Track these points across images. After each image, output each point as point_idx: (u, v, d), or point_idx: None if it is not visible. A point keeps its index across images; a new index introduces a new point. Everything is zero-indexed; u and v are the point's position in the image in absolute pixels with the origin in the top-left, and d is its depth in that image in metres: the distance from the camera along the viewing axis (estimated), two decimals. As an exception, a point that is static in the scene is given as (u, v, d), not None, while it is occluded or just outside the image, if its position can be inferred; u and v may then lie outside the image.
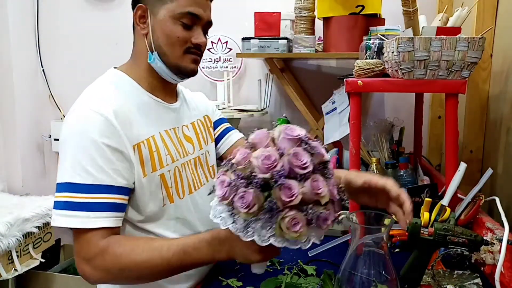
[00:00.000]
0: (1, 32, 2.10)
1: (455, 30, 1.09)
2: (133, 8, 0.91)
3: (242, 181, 0.62)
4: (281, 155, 0.63)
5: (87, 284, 0.95)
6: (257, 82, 1.89)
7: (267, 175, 0.60)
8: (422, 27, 1.12)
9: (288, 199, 0.60)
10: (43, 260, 1.93)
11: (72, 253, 2.28)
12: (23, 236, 1.78)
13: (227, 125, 1.16)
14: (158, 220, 0.89)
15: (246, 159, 0.63)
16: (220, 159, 1.13)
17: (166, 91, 0.95)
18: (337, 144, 1.63)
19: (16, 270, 1.79)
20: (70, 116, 0.82)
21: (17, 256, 1.80)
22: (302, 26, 1.66)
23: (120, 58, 0.99)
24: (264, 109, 1.92)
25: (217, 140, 1.12)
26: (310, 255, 1.02)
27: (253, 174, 0.61)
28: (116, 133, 0.80)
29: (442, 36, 1.01)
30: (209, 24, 0.92)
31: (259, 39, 1.65)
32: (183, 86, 1.07)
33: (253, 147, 0.66)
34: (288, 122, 1.97)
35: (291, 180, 0.61)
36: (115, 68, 0.94)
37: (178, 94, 1.02)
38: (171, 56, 0.88)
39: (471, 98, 1.45)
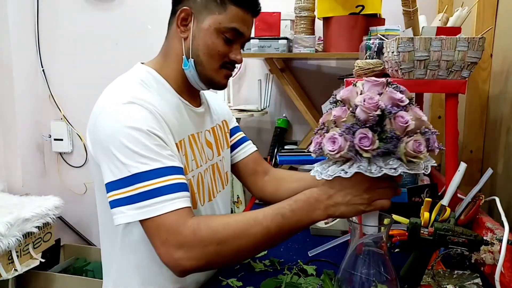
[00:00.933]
0: (1, 32, 2.10)
1: (455, 30, 1.09)
2: (174, 6, 0.88)
3: (354, 126, 0.65)
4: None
5: (87, 284, 0.94)
6: (257, 82, 1.89)
7: (379, 112, 0.64)
8: (422, 27, 1.12)
9: (405, 125, 0.63)
10: (43, 260, 1.93)
11: (72, 253, 2.28)
12: (23, 236, 1.78)
13: (242, 134, 1.14)
14: None
15: (346, 112, 0.67)
16: (232, 166, 1.11)
17: (192, 95, 0.94)
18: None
19: (16, 270, 1.79)
20: (105, 114, 0.77)
21: (17, 256, 1.80)
22: (302, 26, 1.66)
23: (120, 58, 0.99)
24: (264, 109, 1.92)
25: (232, 148, 1.11)
26: (310, 255, 1.03)
27: (360, 119, 0.65)
28: (160, 125, 0.77)
29: (442, 36, 1.01)
30: (248, 40, 0.91)
31: (259, 39, 1.65)
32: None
33: (345, 102, 0.70)
34: (288, 122, 1.97)
35: (403, 112, 0.65)
36: (142, 63, 0.91)
37: (201, 97, 1.00)
38: (207, 68, 0.86)
39: (471, 98, 1.45)
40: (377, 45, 1.22)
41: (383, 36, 1.27)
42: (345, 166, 0.67)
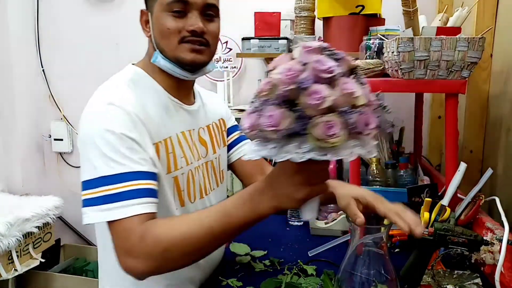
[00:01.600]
0: (1, 32, 2.10)
1: (455, 30, 1.09)
2: None
3: (267, 102, 0.57)
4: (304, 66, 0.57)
5: (87, 284, 0.95)
6: (257, 82, 1.89)
7: (292, 86, 0.55)
8: (422, 27, 1.12)
9: (317, 102, 0.53)
10: (43, 260, 1.93)
11: (72, 253, 2.28)
12: (23, 236, 1.78)
13: (241, 133, 1.13)
14: None
15: (269, 83, 0.58)
16: (228, 166, 1.11)
17: (183, 92, 0.93)
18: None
19: (16, 270, 1.79)
20: (88, 113, 0.79)
21: (17, 256, 1.80)
22: (302, 26, 1.66)
23: (120, 58, 0.99)
24: (264, 109, 1.92)
25: (229, 147, 1.10)
26: (310, 255, 1.03)
27: (277, 93, 0.56)
28: (137, 127, 0.77)
29: (442, 36, 1.01)
30: (209, 6, 0.85)
31: (259, 39, 1.65)
32: (200, 87, 1.05)
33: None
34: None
35: (318, 84, 0.55)
36: (133, 64, 0.92)
37: (195, 95, 1.00)
38: (168, 50, 0.84)
39: (471, 98, 1.45)
40: (377, 45, 1.22)
41: (383, 36, 1.27)
42: (262, 146, 0.59)
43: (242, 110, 1.84)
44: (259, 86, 0.60)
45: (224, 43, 1.99)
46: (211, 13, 0.86)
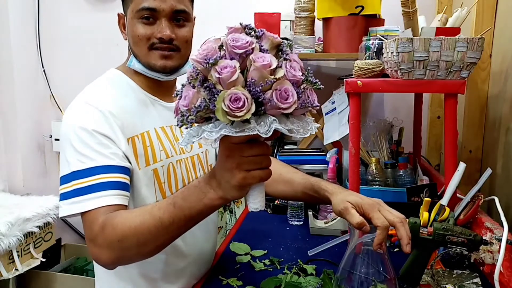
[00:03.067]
0: (1, 32, 2.11)
1: (454, 31, 1.10)
2: None
3: (186, 86, 0.58)
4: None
5: (87, 284, 0.96)
6: (257, 82, 1.89)
7: (203, 65, 0.55)
8: (422, 28, 1.12)
9: (224, 75, 0.52)
10: (43, 260, 1.94)
11: (72, 253, 2.29)
12: (24, 235, 1.79)
13: None
14: None
15: (195, 68, 0.58)
16: None
17: (162, 90, 0.96)
18: (336, 144, 1.63)
19: (17, 269, 1.79)
20: (66, 113, 0.85)
21: (18, 255, 1.80)
22: (302, 26, 1.66)
23: (120, 58, 1.00)
24: (264, 109, 1.92)
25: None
26: (310, 255, 1.03)
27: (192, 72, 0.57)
28: (109, 124, 0.82)
29: (442, 36, 1.01)
30: (178, 12, 0.86)
31: (259, 39, 1.65)
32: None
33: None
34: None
35: (226, 59, 0.54)
36: (116, 68, 0.96)
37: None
38: (140, 56, 0.88)
39: (470, 98, 1.45)
40: (377, 45, 1.23)
41: (383, 36, 1.27)
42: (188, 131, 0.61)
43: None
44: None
45: (224, 43, 1.99)
46: (180, 18, 0.88)
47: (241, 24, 0.59)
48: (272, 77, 0.55)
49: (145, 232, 0.71)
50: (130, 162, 0.84)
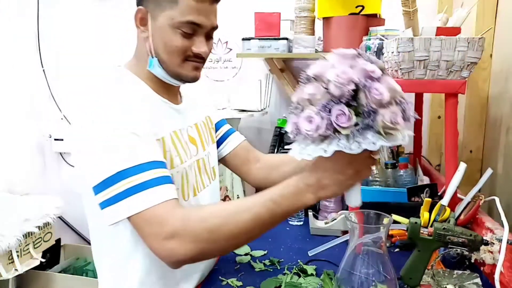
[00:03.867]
0: (1, 32, 2.10)
1: (455, 30, 1.09)
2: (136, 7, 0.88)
3: (329, 103, 0.64)
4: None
5: (87, 284, 0.94)
6: (257, 82, 1.89)
7: (353, 86, 0.63)
8: (422, 27, 1.12)
9: (380, 97, 0.62)
10: (43, 260, 1.93)
11: (72, 253, 2.29)
12: (23, 236, 1.78)
13: (228, 127, 1.14)
14: None
15: (319, 89, 0.65)
16: (222, 160, 1.11)
17: (170, 92, 0.93)
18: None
19: (16, 270, 1.79)
20: (89, 114, 0.77)
21: (18, 256, 1.80)
22: (302, 26, 1.66)
23: (120, 57, 0.98)
24: (264, 109, 1.92)
25: (219, 142, 1.11)
26: (310, 255, 1.03)
27: (335, 95, 0.63)
28: (141, 124, 0.77)
29: (442, 36, 1.01)
30: (213, 29, 0.87)
31: (259, 39, 1.65)
32: (184, 86, 1.03)
33: (317, 78, 0.68)
34: (288, 122, 1.97)
35: (376, 83, 0.64)
36: (119, 66, 0.91)
37: (181, 94, 1.00)
38: (170, 64, 0.85)
39: (471, 98, 1.45)
40: (377, 45, 1.22)
41: (383, 36, 1.27)
42: (323, 144, 0.65)
43: (242, 110, 1.84)
44: (298, 93, 0.68)
45: (224, 43, 1.99)
46: (212, 33, 0.88)
47: (355, 51, 0.68)
48: (402, 97, 0.67)
49: (240, 224, 0.70)
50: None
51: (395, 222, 0.91)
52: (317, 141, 0.66)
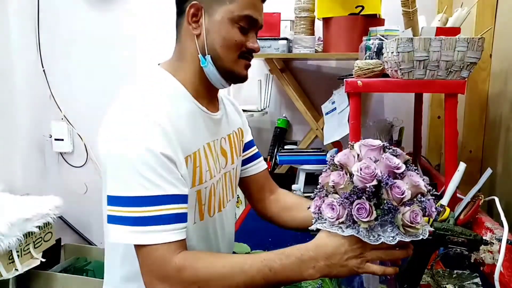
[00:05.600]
0: (1, 32, 2.11)
1: (455, 31, 1.10)
2: (180, 5, 0.84)
3: (352, 196, 0.66)
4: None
5: (87, 283, 0.94)
6: (257, 82, 1.89)
7: (375, 182, 0.65)
8: (422, 28, 1.12)
9: (401, 196, 0.65)
10: (43, 260, 1.93)
11: (72, 253, 2.29)
12: (23, 236, 1.78)
13: (256, 149, 1.10)
14: (192, 244, 0.82)
15: (343, 179, 0.69)
16: (241, 180, 1.07)
17: (210, 98, 0.89)
18: (336, 144, 1.63)
19: (16, 269, 1.79)
20: (121, 124, 0.74)
21: (18, 255, 1.80)
22: (302, 26, 1.66)
23: (120, 59, 0.99)
24: (264, 109, 1.92)
25: (245, 161, 1.07)
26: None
27: (357, 187, 0.66)
28: (172, 144, 0.74)
29: (442, 36, 1.01)
30: (261, 27, 0.88)
31: (259, 39, 1.65)
32: (222, 93, 1.00)
33: (342, 167, 0.71)
34: (288, 122, 1.98)
35: (396, 179, 0.67)
36: (159, 64, 0.87)
37: (219, 102, 0.95)
38: (226, 60, 0.82)
39: (470, 98, 1.45)
40: (377, 45, 1.23)
41: (383, 36, 1.27)
42: (343, 224, 0.68)
43: (242, 110, 1.84)
44: (324, 178, 0.73)
45: (224, 43, 1.99)
46: (258, 32, 0.89)
47: (381, 144, 0.71)
48: (424, 192, 0.70)
49: (232, 285, 0.70)
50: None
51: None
52: (337, 226, 0.69)
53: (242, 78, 0.87)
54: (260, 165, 1.08)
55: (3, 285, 1.81)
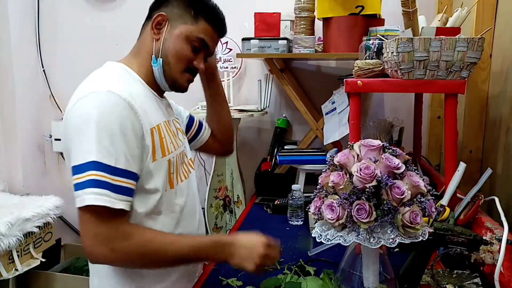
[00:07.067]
0: (1, 32, 2.11)
1: (455, 31, 1.10)
2: (151, 11, 0.97)
3: (351, 197, 0.67)
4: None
5: (87, 284, 0.95)
6: (257, 82, 1.89)
7: (374, 183, 0.65)
8: (422, 28, 1.12)
9: (401, 196, 0.66)
10: (43, 260, 1.93)
11: (72, 253, 2.29)
12: (23, 236, 1.78)
13: (197, 121, 1.22)
14: (159, 208, 0.90)
15: (343, 179, 0.69)
16: (200, 149, 1.23)
17: (158, 89, 0.99)
18: (336, 144, 1.63)
19: (16, 269, 1.79)
20: (88, 97, 0.80)
21: (18, 256, 1.80)
22: (302, 26, 1.66)
23: (121, 58, 1.00)
24: (264, 109, 1.92)
25: (195, 136, 1.19)
26: (310, 255, 1.03)
27: (357, 188, 0.66)
28: (137, 118, 0.82)
29: (442, 36, 1.01)
30: (210, 55, 1.02)
31: (259, 39, 1.65)
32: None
33: (342, 167, 0.72)
34: (288, 122, 1.98)
35: (396, 180, 0.67)
36: (116, 62, 0.96)
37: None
38: (173, 69, 0.94)
39: (470, 98, 1.45)
40: (377, 45, 1.23)
41: (383, 36, 1.27)
42: (343, 232, 0.69)
43: (242, 110, 1.84)
44: (324, 178, 0.73)
45: (224, 43, 1.99)
46: (207, 58, 1.01)
47: (380, 144, 0.71)
48: (423, 192, 0.70)
49: (165, 259, 0.82)
50: (144, 160, 0.84)
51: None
52: (337, 227, 0.70)
53: (183, 89, 0.99)
54: (206, 134, 1.22)
55: (3, 285, 1.81)
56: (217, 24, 0.97)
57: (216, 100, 1.20)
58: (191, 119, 1.20)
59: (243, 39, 1.69)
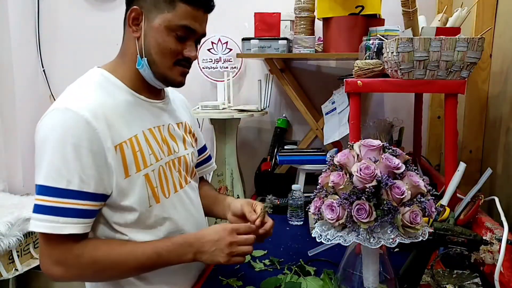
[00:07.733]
0: (1, 32, 2.11)
1: (455, 31, 1.10)
2: (127, 6, 0.88)
3: (351, 197, 0.67)
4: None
5: (87, 283, 0.95)
6: (257, 82, 1.89)
7: (374, 183, 0.65)
8: (422, 28, 1.12)
9: (401, 196, 0.65)
10: (43, 260, 1.93)
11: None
12: (23, 235, 1.79)
13: (208, 153, 1.19)
14: (145, 223, 0.87)
15: (343, 179, 0.69)
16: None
17: (151, 91, 0.93)
18: (337, 144, 1.63)
19: (16, 269, 1.79)
20: (48, 116, 0.80)
21: (18, 255, 1.80)
22: (302, 26, 1.66)
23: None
24: (264, 109, 1.92)
25: (198, 165, 1.13)
26: (310, 255, 1.03)
27: (357, 188, 0.66)
28: (96, 135, 0.77)
29: (442, 36, 1.01)
30: (203, 36, 0.91)
31: (259, 39, 1.65)
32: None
33: (342, 167, 0.71)
34: (288, 122, 1.98)
35: (396, 180, 0.67)
36: (98, 67, 0.92)
37: (164, 92, 1.00)
38: (160, 66, 0.86)
39: (470, 98, 1.45)
40: (377, 45, 1.23)
41: (383, 36, 1.27)
42: (343, 232, 0.69)
43: (242, 110, 1.84)
44: (324, 178, 0.73)
45: (224, 43, 2.00)
46: (199, 41, 0.91)
47: (380, 144, 0.71)
48: (424, 192, 0.70)
49: (124, 269, 0.82)
50: (112, 177, 0.80)
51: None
52: (337, 227, 0.70)
53: (177, 84, 0.91)
54: (207, 170, 1.19)
55: (3, 285, 1.81)
56: (197, 0, 0.85)
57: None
58: (204, 148, 1.15)
59: (243, 39, 1.69)
